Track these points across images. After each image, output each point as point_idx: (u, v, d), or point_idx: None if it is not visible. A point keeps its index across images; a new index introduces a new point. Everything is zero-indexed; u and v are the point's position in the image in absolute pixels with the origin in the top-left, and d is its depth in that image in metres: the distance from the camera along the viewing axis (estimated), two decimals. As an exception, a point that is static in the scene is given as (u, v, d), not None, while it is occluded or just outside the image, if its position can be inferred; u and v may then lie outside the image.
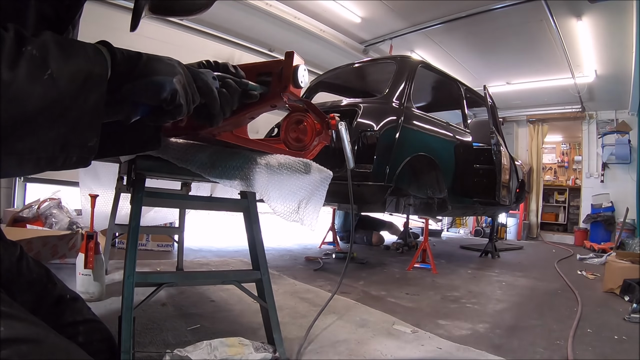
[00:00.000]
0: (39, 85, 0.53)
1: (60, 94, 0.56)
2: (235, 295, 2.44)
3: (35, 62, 0.53)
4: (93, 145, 0.64)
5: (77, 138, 0.61)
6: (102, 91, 0.62)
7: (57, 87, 0.55)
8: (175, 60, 0.77)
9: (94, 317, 1.04)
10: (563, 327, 2.31)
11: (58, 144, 0.59)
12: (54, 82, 0.55)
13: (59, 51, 0.56)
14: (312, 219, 1.25)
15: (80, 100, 0.59)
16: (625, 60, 6.07)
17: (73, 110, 0.58)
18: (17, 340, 0.63)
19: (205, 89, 0.80)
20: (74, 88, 0.57)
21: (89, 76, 0.59)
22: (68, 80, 0.57)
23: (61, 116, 0.57)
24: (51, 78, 0.54)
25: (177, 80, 0.72)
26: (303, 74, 0.97)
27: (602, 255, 5.59)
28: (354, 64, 4.51)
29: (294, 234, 6.20)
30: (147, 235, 3.83)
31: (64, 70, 0.56)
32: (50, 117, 0.56)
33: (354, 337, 1.95)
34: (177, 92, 0.72)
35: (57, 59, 0.56)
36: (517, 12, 5.29)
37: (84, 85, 0.59)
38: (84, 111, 0.60)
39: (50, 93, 0.54)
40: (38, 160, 0.58)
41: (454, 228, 10.24)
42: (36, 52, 0.53)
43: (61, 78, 0.56)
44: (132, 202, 1.30)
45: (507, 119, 9.99)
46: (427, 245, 4.08)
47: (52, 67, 0.54)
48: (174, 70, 0.73)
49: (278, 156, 1.25)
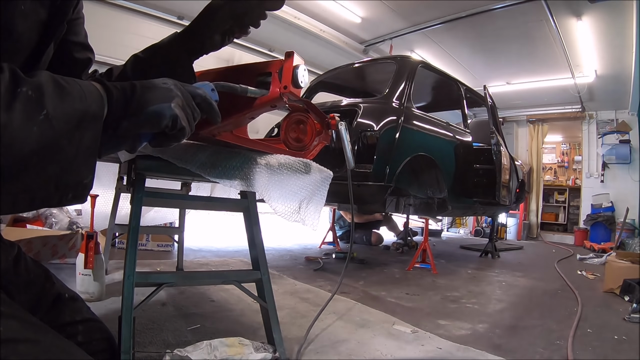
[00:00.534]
0: (34, 126, 0.53)
1: (55, 134, 0.55)
2: (235, 295, 2.44)
3: (31, 103, 0.53)
4: (88, 183, 0.64)
5: (72, 177, 0.61)
6: (97, 130, 0.62)
7: (53, 128, 0.55)
8: (171, 81, 0.76)
9: (93, 317, 1.04)
10: (563, 327, 2.31)
11: (52, 183, 0.59)
12: (50, 122, 0.54)
13: (54, 91, 0.56)
14: (314, 219, 1.25)
15: (75, 139, 0.58)
16: (625, 60, 6.07)
17: (68, 150, 0.58)
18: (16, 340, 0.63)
19: (204, 105, 0.80)
20: (69, 128, 0.57)
21: (84, 115, 0.59)
22: (63, 120, 0.56)
23: (56, 156, 0.57)
24: (47, 118, 0.54)
25: (175, 104, 0.72)
26: (303, 74, 0.97)
27: (602, 255, 5.58)
28: (354, 64, 4.51)
29: (294, 234, 6.20)
30: (147, 235, 3.83)
31: (59, 111, 0.56)
32: (45, 157, 0.56)
33: (354, 337, 1.95)
34: (177, 117, 0.71)
35: (52, 99, 0.55)
36: (517, 12, 5.28)
37: (79, 125, 0.58)
38: (79, 151, 0.59)
39: (46, 134, 0.54)
40: (32, 200, 0.58)
41: (454, 228, 10.23)
42: (32, 93, 0.53)
43: (57, 118, 0.55)
44: (132, 202, 1.30)
45: (507, 118, 9.99)
46: (427, 245, 4.08)
47: (48, 108, 0.54)
48: (170, 94, 0.72)
49: (278, 156, 1.25)
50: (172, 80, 0.76)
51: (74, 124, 0.58)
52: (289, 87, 0.96)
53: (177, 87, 0.75)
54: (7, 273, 0.88)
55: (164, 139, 0.75)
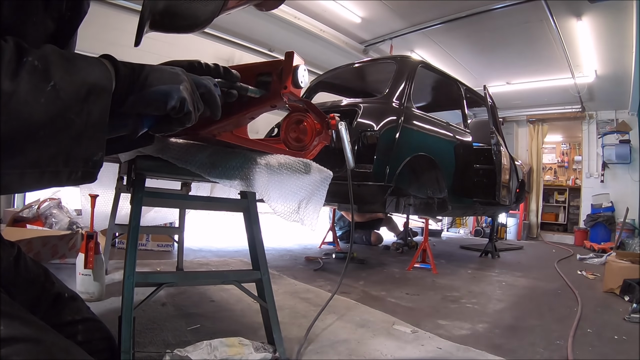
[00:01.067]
0: (42, 97, 0.52)
1: (63, 106, 0.55)
2: (235, 295, 2.44)
3: (38, 73, 0.52)
4: (98, 160, 0.63)
5: (82, 152, 0.60)
6: (106, 104, 0.61)
7: (61, 99, 0.54)
8: (178, 68, 0.76)
9: (93, 316, 1.04)
10: (563, 327, 2.31)
11: (61, 158, 0.58)
12: (57, 93, 0.54)
13: (62, 63, 0.55)
14: (313, 219, 1.26)
15: (84, 113, 0.58)
16: (625, 60, 6.07)
17: (77, 123, 0.57)
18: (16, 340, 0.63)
19: (208, 96, 0.80)
20: (77, 101, 0.56)
21: (92, 89, 0.59)
22: (72, 92, 0.55)
23: (64, 129, 0.56)
24: (54, 89, 0.53)
25: (184, 87, 0.72)
26: (303, 74, 0.97)
27: (602, 255, 5.58)
28: (354, 64, 4.51)
29: (294, 234, 6.20)
30: (147, 235, 3.83)
31: (67, 82, 0.55)
32: (54, 130, 0.55)
33: (354, 337, 1.95)
34: (185, 100, 0.71)
35: (60, 70, 0.55)
36: (517, 12, 5.29)
37: (87, 98, 0.58)
38: (88, 124, 0.59)
39: (54, 105, 0.53)
40: (41, 175, 0.57)
41: (454, 228, 10.23)
42: (38, 63, 0.52)
43: (64, 90, 0.54)
44: (132, 202, 1.30)
45: (507, 119, 9.99)
46: (427, 245, 4.08)
47: (55, 79, 0.53)
48: (179, 78, 0.73)
49: (278, 156, 1.25)
50: (179, 68, 0.76)
51: (82, 97, 0.57)
52: (289, 87, 0.96)
53: (184, 73, 0.75)
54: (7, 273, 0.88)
55: (166, 124, 0.75)
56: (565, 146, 11.79)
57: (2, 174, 0.53)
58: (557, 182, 11.59)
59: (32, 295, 0.92)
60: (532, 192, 9.77)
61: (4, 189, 0.56)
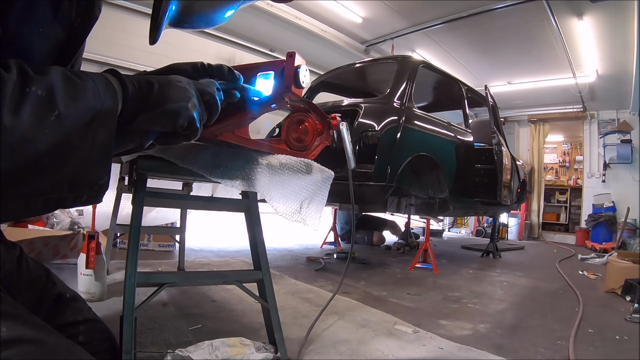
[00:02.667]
0: (45, 127, 0.50)
1: (67, 134, 0.53)
2: (237, 296, 2.45)
3: (42, 103, 0.50)
4: (103, 184, 0.62)
5: (86, 177, 0.59)
6: (112, 127, 0.60)
7: (65, 127, 0.53)
8: (185, 80, 0.75)
9: (95, 317, 1.03)
10: (564, 327, 2.31)
11: (66, 184, 0.57)
12: (61, 122, 0.52)
13: (66, 89, 0.54)
14: (315, 219, 1.25)
15: (89, 138, 0.56)
16: (626, 60, 6.06)
17: (81, 149, 0.56)
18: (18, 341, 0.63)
19: (211, 102, 0.79)
20: (82, 126, 0.55)
21: (98, 113, 0.57)
22: (76, 119, 0.54)
23: (69, 156, 0.55)
24: (58, 118, 0.52)
25: (192, 104, 0.71)
26: (304, 74, 0.97)
27: (604, 255, 5.58)
28: (355, 64, 4.51)
29: (295, 234, 6.20)
30: (149, 236, 3.83)
31: (71, 109, 0.53)
32: (58, 158, 0.53)
33: (356, 337, 1.95)
34: (194, 118, 0.71)
35: (65, 97, 0.53)
36: (518, 11, 5.28)
37: (92, 123, 0.56)
38: (93, 149, 0.57)
39: (58, 134, 0.52)
40: (46, 202, 0.56)
41: (455, 228, 10.22)
42: (42, 92, 0.51)
43: (69, 118, 0.53)
44: (133, 202, 1.31)
45: (508, 118, 9.98)
46: (428, 245, 4.08)
47: (60, 107, 0.52)
48: (186, 94, 0.72)
49: (279, 156, 1.25)
50: (185, 78, 0.75)
51: (87, 122, 0.55)
52: (291, 87, 0.96)
53: (191, 86, 0.75)
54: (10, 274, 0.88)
55: (172, 138, 0.75)
56: (567, 146, 11.79)
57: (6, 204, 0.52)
58: (558, 182, 11.59)
59: (33, 296, 0.92)
60: (533, 192, 9.76)
61: (9, 217, 0.55)
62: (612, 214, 8.31)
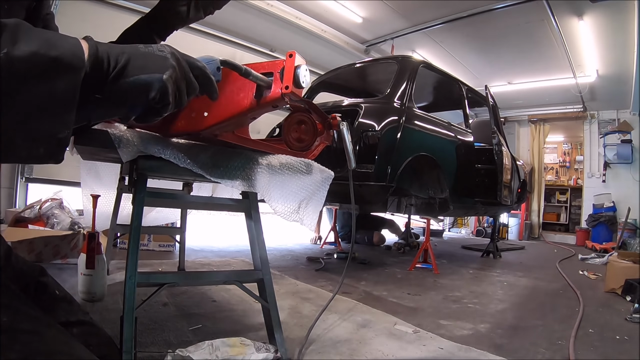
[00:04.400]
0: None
1: (16, 75, 0.52)
2: (237, 296, 2.45)
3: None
4: (62, 138, 0.59)
5: (43, 127, 0.57)
6: (74, 82, 0.58)
7: (14, 67, 0.52)
8: (169, 49, 0.72)
9: (91, 321, 1.02)
10: (565, 327, 2.31)
11: (18, 130, 0.55)
12: (10, 62, 0.52)
13: (20, 33, 0.54)
14: (312, 219, 1.26)
15: (45, 86, 0.55)
16: (627, 60, 6.07)
17: (35, 97, 0.55)
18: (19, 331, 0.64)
19: (202, 79, 0.77)
20: (36, 72, 0.54)
21: (56, 62, 0.56)
22: (27, 63, 0.53)
23: (20, 102, 0.54)
24: (7, 57, 0.51)
25: (168, 76, 0.68)
26: (304, 74, 0.97)
27: (604, 255, 5.58)
28: (356, 64, 4.51)
29: (295, 234, 6.20)
30: (149, 236, 3.83)
31: (23, 52, 0.53)
32: (6, 99, 0.53)
33: (356, 337, 1.95)
34: (167, 90, 0.68)
35: (15, 40, 0.53)
36: (518, 11, 5.29)
37: (50, 71, 0.55)
38: (51, 99, 0.56)
39: (5, 74, 0.51)
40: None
41: (456, 228, 10.22)
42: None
43: (19, 59, 0.52)
44: (133, 202, 1.31)
45: (508, 118, 9.99)
46: (428, 245, 4.08)
47: (8, 47, 0.52)
48: (165, 63, 0.69)
49: (280, 156, 1.25)
50: (171, 48, 0.72)
51: (42, 69, 0.55)
52: (291, 87, 0.96)
53: (174, 56, 0.71)
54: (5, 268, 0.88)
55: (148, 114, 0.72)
56: (567, 146, 11.79)
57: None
58: (558, 182, 11.59)
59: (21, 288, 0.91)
60: (533, 192, 9.76)
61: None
62: (613, 214, 8.31)
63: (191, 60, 0.76)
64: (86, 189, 3.03)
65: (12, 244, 2.65)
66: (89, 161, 2.16)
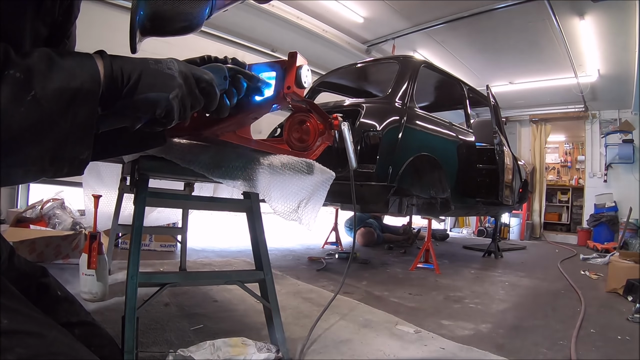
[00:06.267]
0: (22, 106, 0.54)
1: (45, 112, 0.56)
2: (238, 296, 2.45)
3: (18, 85, 0.54)
4: (85, 159, 0.64)
5: (68, 152, 0.62)
6: (92, 107, 0.62)
7: (42, 107, 0.56)
8: (176, 65, 0.74)
9: (93, 321, 1.02)
10: (566, 327, 2.31)
11: (47, 158, 0.60)
12: (38, 102, 0.55)
13: (45, 70, 0.57)
14: (311, 218, 1.25)
15: (69, 116, 0.59)
16: (628, 60, 6.06)
17: (61, 126, 0.59)
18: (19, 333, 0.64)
19: (208, 90, 0.79)
20: (60, 106, 0.58)
21: (77, 93, 0.60)
22: (53, 99, 0.57)
23: (48, 133, 0.58)
24: (34, 99, 0.55)
25: (174, 95, 0.72)
26: (306, 74, 0.97)
27: (606, 255, 5.57)
28: (357, 64, 4.51)
29: (296, 234, 6.20)
30: (150, 236, 3.83)
31: (49, 91, 0.57)
32: (36, 135, 0.57)
33: (357, 337, 1.95)
34: (172, 110, 0.72)
35: (41, 79, 0.56)
36: (519, 11, 5.28)
37: (72, 102, 0.59)
38: (73, 126, 0.60)
39: (35, 113, 0.55)
40: (26, 172, 0.59)
41: (457, 228, 10.21)
42: (20, 74, 0.54)
43: (46, 98, 0.56)
44: (135, 202, 1.31)
45: (510, 118, 9.98)
46: (430, 245, 4.07)
47: (36, 88, 0.55)
48: (172, 83, 0.72)
49: (281, 156, 1.25)
50: (178, 64, 0.75)
51: (66, 102, 0.58)
52: (292, 87, 0.96)
53: (181, 74, 0.74)
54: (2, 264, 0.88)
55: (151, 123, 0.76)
56: (568, 146, 11.77)
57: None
58: (560, 182, 11.57)
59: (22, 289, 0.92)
60: (535, 192, 9.75)
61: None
62: (614, 214, 8.29)
63: (197, 74, 0.78)
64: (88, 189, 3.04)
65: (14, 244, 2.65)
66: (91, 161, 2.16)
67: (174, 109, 0.72)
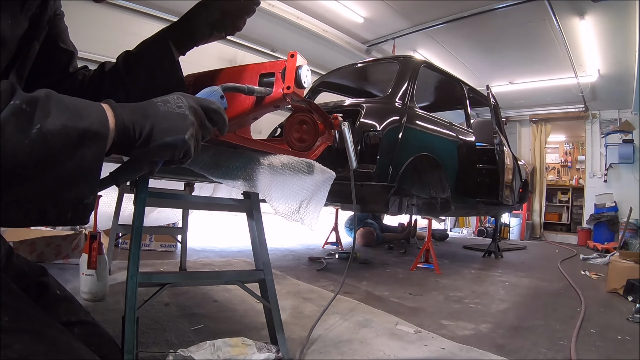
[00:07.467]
0: (26, 138, 0.52)
1: (51, 149, 0.55)
2: (239, 296, 2.45)
3: (24, 116, 0.53)
4: (89, 203, 0.62)
5: (72, 195, 0.60)
6: (100, 150, 0.61)
7: (48, 142, 0.54)
8: (185, 102, 0.73)
9: (93, 321, 1.02)
10: (566, 327, 2.31)
11: (49, 199, 0.58)
12: (44, 137, 0.54)
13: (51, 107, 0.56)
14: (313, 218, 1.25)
15: (76, 157, 0.57)
16: (628, 60, 6.05)
17: (67, 166, 0.57)
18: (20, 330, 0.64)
19: (216, 119, 0.79)
20: (67, 145, 0.56)
21: (85, 133, 0.58)
22: (60, 136, 0.55)
23: (53, 172, 0.56)
24: (40, 132, 0.53)
25: (190, 134, 0.70)
26: (306, 74, 0.97)
27: (606, 255, 5.57)
28: (357, 64, 4.51)
29: (297, 234, 6.21)
30: (151, 236, 3.84)
31: (55, 127, 0.55)
32: (39, 171, 0.55)
33: (357, 337, 1.95)
34: (189, 148, 0.71)
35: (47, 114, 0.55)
36: (519, 11, 5.28)
37: (79, 142, 0.57)
38: (79, 168, 0.58)
39: (40, 148, 0.54)
40: (27, 212, 0.57)
41: (457, 228, 10.21)
42: (26, 106, 0.53)
43: (52, 134, 0.55)
44: (135, 202, 1.31)
45: (510, 118, 9.97)
46: (430, 245, 4.07)
47: (42, 122, 0.54)
48: (185, 123, 0.70)
49: (281, 156, 1.25)
50: (187, 100, 0.74)
51: (73, 141, 0.57)
52: (292, 87, 0.95)
53: (192, 110, 0.73)
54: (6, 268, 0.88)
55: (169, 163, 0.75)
56: (569, 146, 11.76)
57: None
58: (560, 182, 11.56)
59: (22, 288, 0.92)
60: (535, 192, 9.75)
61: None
62: (614, 214, 8.28)
63: (205, 104, 0.77)
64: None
65: (14, 244, 2.66)
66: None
67: (191, 147, 0.71)
